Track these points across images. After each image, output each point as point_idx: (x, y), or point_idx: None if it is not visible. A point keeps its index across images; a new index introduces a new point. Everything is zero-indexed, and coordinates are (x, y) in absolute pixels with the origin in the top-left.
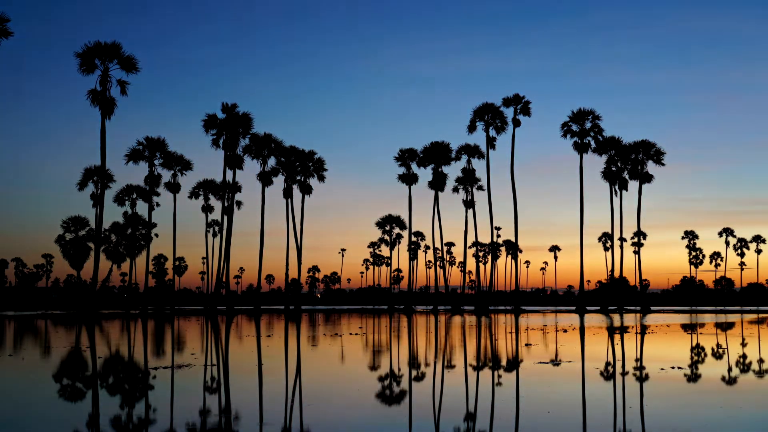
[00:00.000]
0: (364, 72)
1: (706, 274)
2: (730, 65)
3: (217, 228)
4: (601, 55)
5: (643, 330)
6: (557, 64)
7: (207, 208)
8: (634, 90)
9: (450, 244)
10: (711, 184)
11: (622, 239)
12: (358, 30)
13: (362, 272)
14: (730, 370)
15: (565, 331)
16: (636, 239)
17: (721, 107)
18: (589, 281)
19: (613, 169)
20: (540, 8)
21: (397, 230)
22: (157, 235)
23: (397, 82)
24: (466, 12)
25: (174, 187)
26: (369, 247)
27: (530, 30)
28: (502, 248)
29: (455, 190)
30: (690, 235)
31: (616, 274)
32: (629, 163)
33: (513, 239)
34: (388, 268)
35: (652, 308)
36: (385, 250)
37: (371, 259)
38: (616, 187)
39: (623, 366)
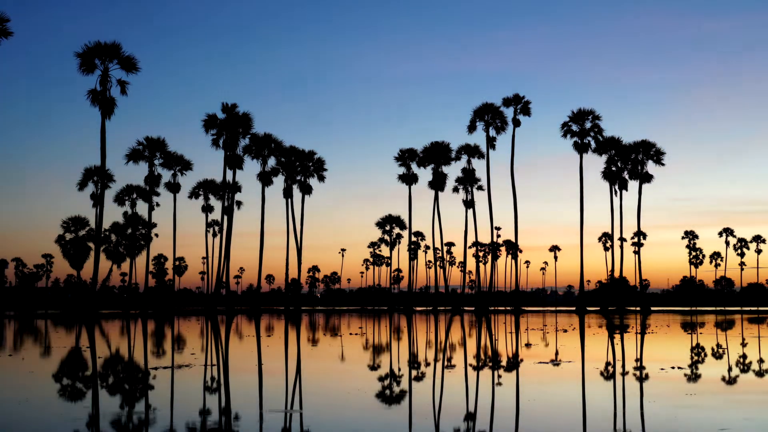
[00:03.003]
0: (364, 72)
1: (706, 274)
2: (731, 64)
3: (217, 228)
4: (602, 54)
5: (644, 330)
6: (557, 63)
7: (207, 208)
8: (634, 90)
9: (450, 244)
10: (711, 184)
11: (622, 239)
12: (358, 30)
13: (362, 272)
14: (730, 370)
15: (565, 331)
16: (636, 239)
17: (721, 106)
18: (589, 281)
19: (613, 169)
20: (540, 8)
21: (397, 230)
22: (157, 235)
23: (397, 82)
24: (465, 11)
25: (174, 187)
26: (369, 247)
27: (530, 30)
28: (502, 248)
29: (455, 190)
30: (690, 235)
31: (616, 274)
32: (629, 163)
33: (513, 239)
34: (388, 268)
35: (653, 308)
36: (385, 250)
37: (371, 259)
38: (616, 187)
39: (623, 366)
